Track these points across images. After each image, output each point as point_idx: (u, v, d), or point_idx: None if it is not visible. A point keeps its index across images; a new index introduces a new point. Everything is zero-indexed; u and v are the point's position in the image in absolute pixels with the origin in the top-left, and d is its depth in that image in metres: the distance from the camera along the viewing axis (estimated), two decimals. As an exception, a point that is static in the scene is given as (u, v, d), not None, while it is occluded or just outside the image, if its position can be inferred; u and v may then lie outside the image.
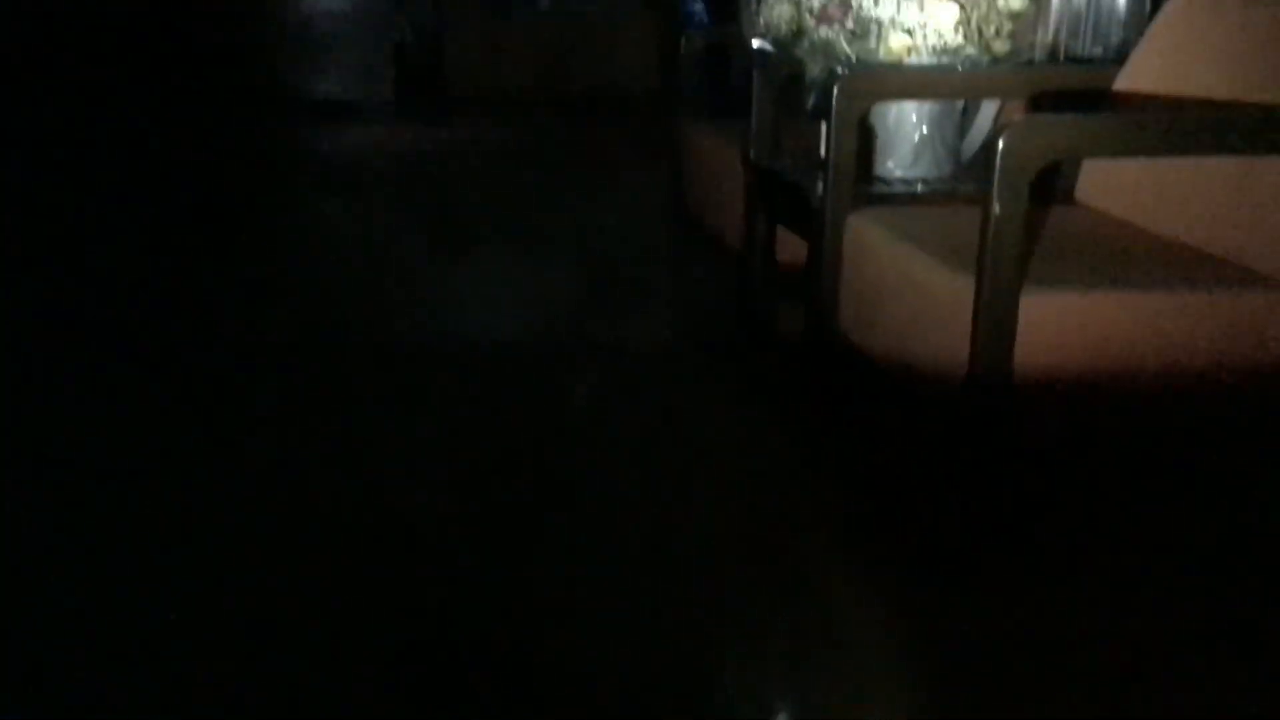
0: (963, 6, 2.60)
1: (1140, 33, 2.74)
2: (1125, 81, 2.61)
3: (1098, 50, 3.45)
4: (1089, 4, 3.52)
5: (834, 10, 2.70)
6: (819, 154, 2.64)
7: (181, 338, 3.38)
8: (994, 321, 1.94)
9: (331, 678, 1.73)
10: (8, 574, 2.03)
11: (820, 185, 2.61)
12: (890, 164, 2.81)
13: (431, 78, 6.79)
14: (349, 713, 1.66)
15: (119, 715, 1.64)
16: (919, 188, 2.79)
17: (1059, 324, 1.98)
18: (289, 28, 6.10)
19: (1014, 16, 2.71)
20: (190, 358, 3.21)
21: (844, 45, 2.68)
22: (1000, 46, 2.73)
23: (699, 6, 7.42)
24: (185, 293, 3.84)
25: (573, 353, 3.34)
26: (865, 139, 2.79)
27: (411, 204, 5.66)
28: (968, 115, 2.92)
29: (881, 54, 2.65)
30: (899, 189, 2.78)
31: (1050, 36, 3.37)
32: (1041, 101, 2.75)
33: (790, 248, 2.99)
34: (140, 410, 2.80)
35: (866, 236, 2.47)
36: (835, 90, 2.52)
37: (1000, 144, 1.90)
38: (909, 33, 2.60)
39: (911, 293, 2.23)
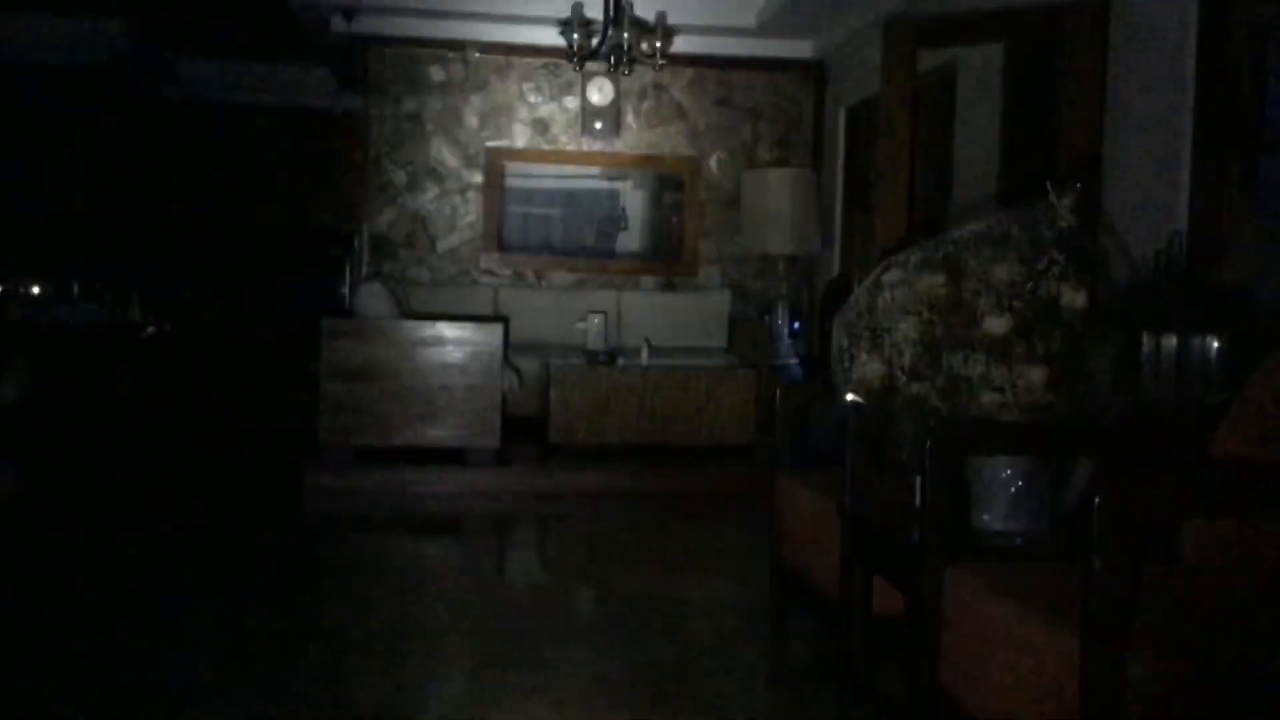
0: (1051, 366, 2.66)
1: (1232, 387, 2.77)
2: (1223, 440, 2.61)
3: (1190, 402, 3.48)
4: (1178, 354, 3.59)
5: (924, 367, 2.78)
6: (914, 506, 2.65)
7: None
8: (1102, 681, 1.88)
9: None
10: None
11: (916, 537, 2.61)
12: (986, 517, 2.80)
13: (534, 425, 7.03)
14: None
15: None
16: (1017, 540, 2.76)
17: (1169, 685, 1.91)
18: (410, 379, 6.42)
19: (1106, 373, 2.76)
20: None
21: (935, 401, 2.74)
22: (1092, 403, 2.76)
23: (793, 362, 7.68)
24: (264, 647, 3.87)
25: (659, 702, 3.26)
26: (961, 491, 2.80)
27: (505, 553, 5.74)
28: (1065, 469, 2.92)
29: (973, 410, 2.70)
30: (997, 541, 2.76)
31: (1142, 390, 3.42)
32: (1139, 457, 2.76)
33: (888, 598, 2.95)
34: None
35: (965, 590, 2.43)
36: (929, 443, 2.56)
37: (1098, 501, 1.90)
38: (999, 390, 2.66)
39: (1015, 650, 2.17)
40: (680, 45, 7.63)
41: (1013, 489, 2.77)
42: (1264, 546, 2.35)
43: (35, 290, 8.86)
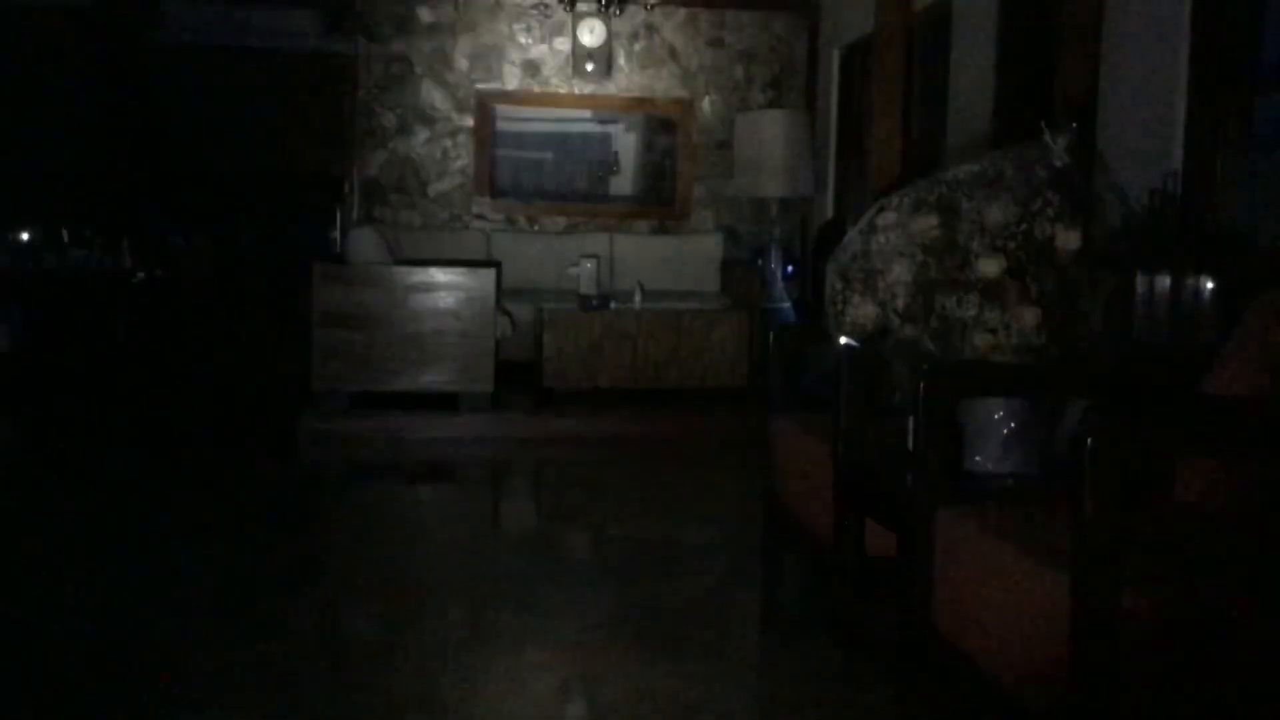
0: (1045, 308, 2.65)
1: (1226, 327, 2.77)
2: (1216, 379, 2.61)
3: (1183, 343, 3.49)
4: (1172, 295, 3.58)
5: (918, 310, 2.78)
6: (907, 448, 2.66)
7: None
8: (1094, 620, 1.89)
9: None
10: None
11: (909, 479, 2.62)
12: (979, 458, 2.81)
13: (528, 370, 7.03)
14: None
15: None
16: (1009, 482, 2.77)
17: (1161, 621, 1.92)
18: (402, 325, 6.40)
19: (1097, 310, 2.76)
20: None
21: (928, 343, 2.74)
22: (1085, 344, 2.76)
23: (787, 305, 7.67)
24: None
25: (655, 645, 3.29)
26: (953, 433, 2.80)
27: (500, 499, 5.76)
28: (1058, 409, 2.92)
29: (966, 352, 2.70)
30: (989, 483, 2.77)
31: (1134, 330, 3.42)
32: (1131, 397, 2.76)
33: (881, 539, 2.97)
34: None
35: (958, 531, 2.44)
36: (922, 385, 2.56)
37: (1089, 441, 1.91)
38: (992, 332, 2.66)
39: (1007, 590, 2.19)
40: (672, -15, 7.55)
41: (1005, 430, 2.77)
42: (1255, 485, 2.36)
43: (24, 237, 8.79)
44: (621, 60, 8.94)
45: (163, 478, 5.41)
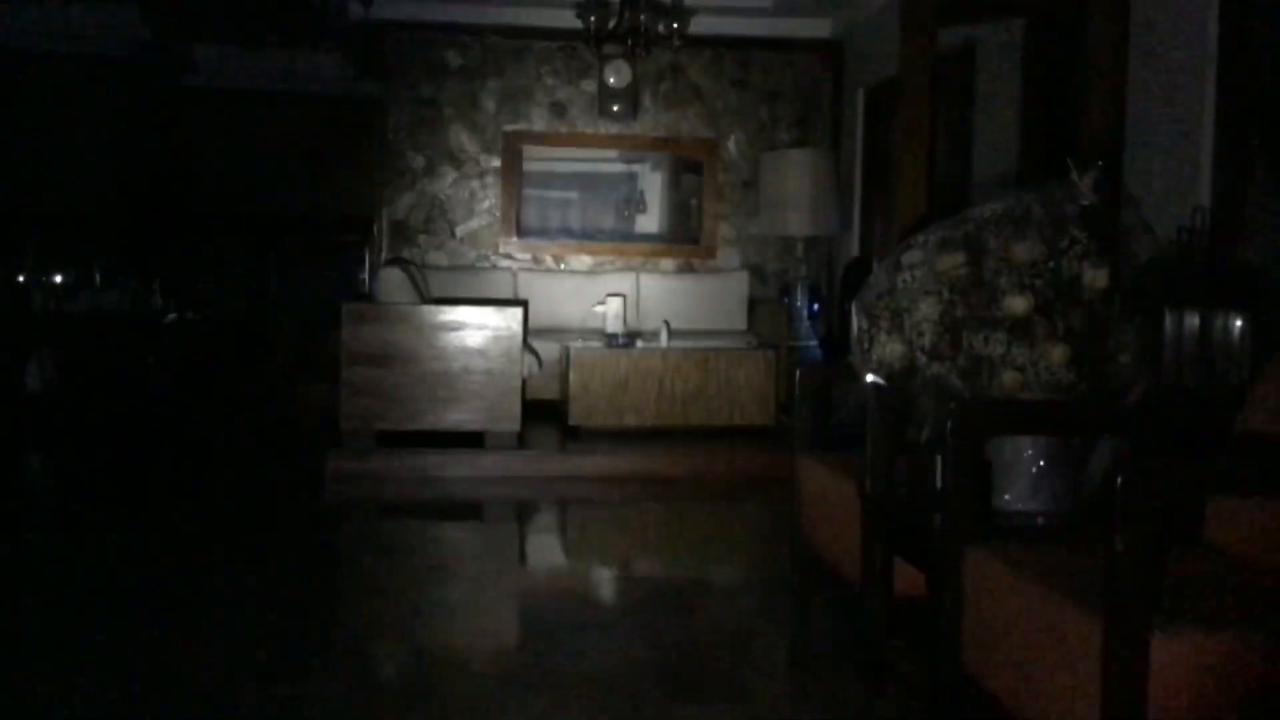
0: (1073, 345, 2.64)
1: (1256, 365, 2.75)
2: (1247, 418, 2.59)
3: (1212, 380, 3.46)
4: (1201, 332, 3.56)
5: (945, 348, 2.77)
6: (935, 486, 2.64)
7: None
8: (1125, 662, 1.87)
9: None
10: None
11: (937, 518, 2.60)
12: (1008, 497, 2.78)
13: (554, 409, 7.05)
14: None
15: None
16: (1039, 521, 2.75)
17: (1193, 664, 1.89)
18: (430, 364, 6.43)
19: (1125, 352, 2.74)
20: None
21: (956, 381, 2.73)
22: (1114, 382, 2.75)
23: (813, 343, 7.66)
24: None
25: (682, 686, 3.27)
26: (982, 471, 2.78)
27: (526, 537, 5.76)
28: (1087, 448, 2.90)
29: (994, 390, 2.69)
30: (1018, 522, 2.75)
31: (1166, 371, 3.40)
32: (1162, 436, 2.74)
33: (910, 578, 2.94)
34: None
35: (987, 570, 2.42)
36: (950, 423, 2.55)
37: (1120, 481, 1.89)
38: (1020, 370, 2.65)
39: (1037, 631, 2.17)
40: (697, 26, 7.59)
41: (1034, 469, 2.75)
42: (1289, 525, 2.33)
43: (57, 280, 8.90)
44: (647, 101, 9.00)
45: (192, 515, 5.43)
